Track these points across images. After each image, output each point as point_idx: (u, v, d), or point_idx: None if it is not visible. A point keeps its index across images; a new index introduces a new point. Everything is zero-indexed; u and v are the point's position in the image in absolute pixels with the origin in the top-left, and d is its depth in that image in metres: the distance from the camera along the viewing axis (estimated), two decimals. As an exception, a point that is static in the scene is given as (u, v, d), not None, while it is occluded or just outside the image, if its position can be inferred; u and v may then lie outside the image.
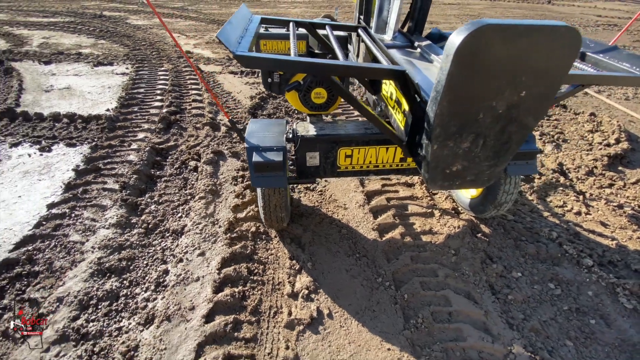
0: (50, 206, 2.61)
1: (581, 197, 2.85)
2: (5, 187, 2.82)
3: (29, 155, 3.23)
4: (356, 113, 4.18)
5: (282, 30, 2.52)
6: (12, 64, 5.34)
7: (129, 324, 1.85)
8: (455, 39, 0.92)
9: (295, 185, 2.89)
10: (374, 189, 2.87)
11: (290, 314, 1.90)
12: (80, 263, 2.17)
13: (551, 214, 2.70)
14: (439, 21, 9.45)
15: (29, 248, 2.25)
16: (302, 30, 2.39)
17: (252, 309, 1.92)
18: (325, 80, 1.52)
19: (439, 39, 2.25)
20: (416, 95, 1.38)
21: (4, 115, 3.79)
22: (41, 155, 3.25)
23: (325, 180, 2.98)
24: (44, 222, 2.46)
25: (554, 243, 2.39)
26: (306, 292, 2.01)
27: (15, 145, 3.37)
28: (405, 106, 1.51)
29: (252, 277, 2.11)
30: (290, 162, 2.83)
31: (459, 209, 2.68)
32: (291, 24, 2.15)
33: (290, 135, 2.09)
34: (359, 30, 2.16)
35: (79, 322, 1.83)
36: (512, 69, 0.98)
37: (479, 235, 2.44)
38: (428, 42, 2.08)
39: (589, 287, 2.10)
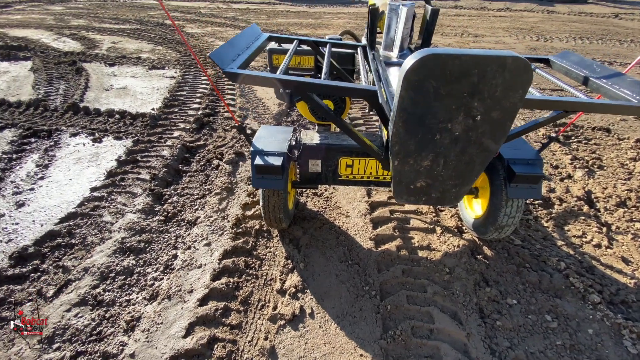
0: (93, 189, 3.03)
1: (605, 228, 2.64)
2: (60, 170, 3.32)
3: (84, 145, 3.75)
4: (376, 125, 4.24)
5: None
6: (83, 64, 6.18)
7: (137, 297, 2.11)
8: (405, 65, 1.00)
9: (303, 190, 3.03)
10: (379, 200, 2.92)
11: (275, 308, 2.04)
12: (107, 240, 2.50)
13: (566, 243, 2.54)
14: (485, 34, 9.12)
15: (70, 223, 2.64)
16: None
17: (242, 299, 2.09)
18: (303, 96, 1.64)
19: None
20: (390, 114, 1.46)
21: (69, 109, 4.43)
22: (93, 145, 3.76)
23: (334, 188, 3.09)
24: (86, 203, 2.87)
25: (560, 274, 2.26)
26: (294, 290, 2.13)
27: (74, 135, 3.93)
28: None
29: (248, 270, 2.28)
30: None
31: (464, 228, 2.63)
32: (295, 41, 2.32)
33: (294, 142, 2.25)
34: (358, 49, 2.27)
35: (97, 290, 2.13)
36: (462, 95, 1.03)
37: (479, 256, 2.39)
38: None
39: (590, 324, 1.96)
